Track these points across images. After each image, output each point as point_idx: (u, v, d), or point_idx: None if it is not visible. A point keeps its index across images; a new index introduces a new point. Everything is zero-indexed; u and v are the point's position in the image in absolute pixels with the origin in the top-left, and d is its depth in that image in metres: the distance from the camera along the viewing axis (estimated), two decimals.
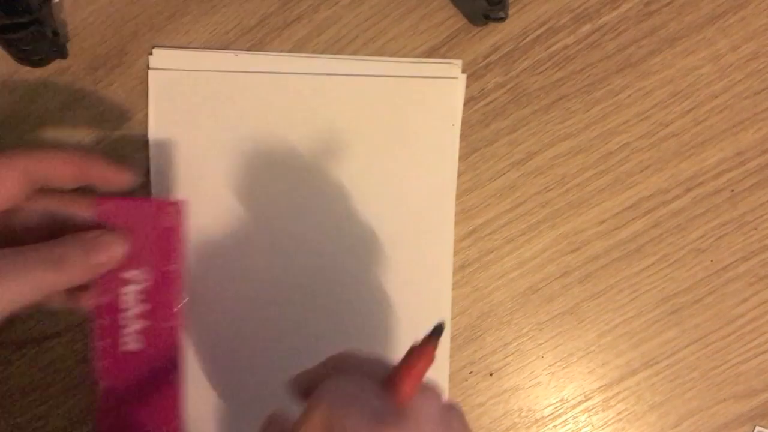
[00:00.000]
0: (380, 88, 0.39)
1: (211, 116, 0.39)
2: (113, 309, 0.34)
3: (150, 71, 0.39)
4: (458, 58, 0.39)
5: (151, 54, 0.39)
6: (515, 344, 0.40)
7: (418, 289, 0.39)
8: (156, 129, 0.39)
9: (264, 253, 0.39)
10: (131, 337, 0.35)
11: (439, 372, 0.40)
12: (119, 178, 0.34)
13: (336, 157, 0.39)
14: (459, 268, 0.40)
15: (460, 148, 0.39)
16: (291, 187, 0.39)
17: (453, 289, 0.40)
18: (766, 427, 0.40)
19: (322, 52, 0.39)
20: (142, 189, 0.39)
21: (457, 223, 0.40)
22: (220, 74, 0.39)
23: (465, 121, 0.39)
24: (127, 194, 0.35)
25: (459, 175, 0.39)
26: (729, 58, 0.40)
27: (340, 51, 0.39)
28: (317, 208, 0.39)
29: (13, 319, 0.39)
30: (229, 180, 0.39)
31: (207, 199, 0.39)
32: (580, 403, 0.40)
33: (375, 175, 0.39)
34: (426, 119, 0.39)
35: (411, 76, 0.39)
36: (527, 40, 0.39)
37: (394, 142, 0.39)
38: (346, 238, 0.39)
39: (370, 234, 0.39)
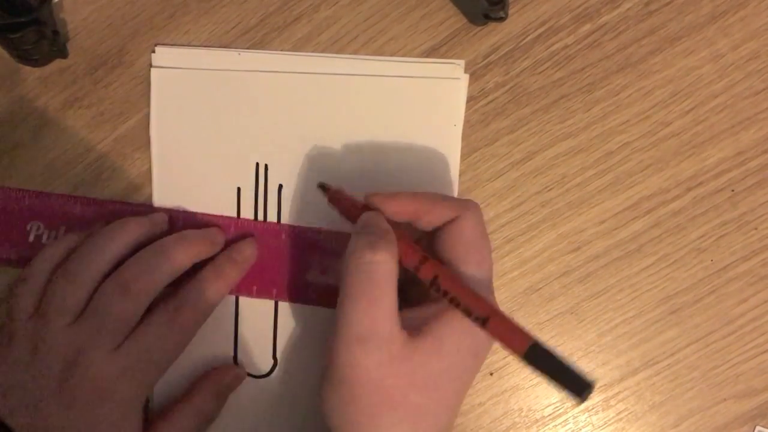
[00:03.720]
0: (382, 88, 0.39)
1: (213, 115, 0.39)
2: None
3: (152, 69, 0.39)
4: (458, 57, 0.39)
5: (153, 52, 0.39)
6: None
7: None
8: (158, 128, 0.39)
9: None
10: None
11: None
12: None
13: (338, 157, 0.39)
14: None
15: (460, 148, 0.39)
16: (293, 186, 0.39)
17: None
18: (766, 427, 0.40)
19: (321, 52, 0.39)
20: (143, 188, 0.39)
21: None
22: (222, 72, 0.39)
23: (465, 121, 0.39)
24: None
25: (459, 174, 0.39)
26: (729, 58, 0.40)
27: (340, 51, 0.39)
28: (317, 208, 0.39)
29: None
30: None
31: (209, 197, 0.39)
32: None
33: (376, 175, 0.39)
34: (428, 120, 0.39)
35: (413, 77, 0.39)
36: (527, 39, 0.39)
37: (396, 141, 0.39)
38: None
39: None
